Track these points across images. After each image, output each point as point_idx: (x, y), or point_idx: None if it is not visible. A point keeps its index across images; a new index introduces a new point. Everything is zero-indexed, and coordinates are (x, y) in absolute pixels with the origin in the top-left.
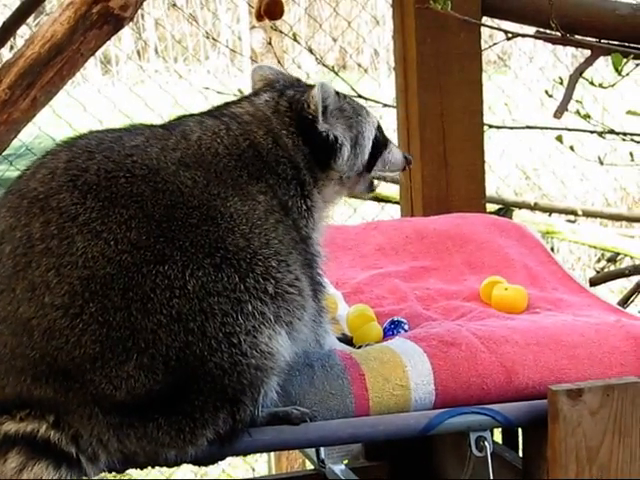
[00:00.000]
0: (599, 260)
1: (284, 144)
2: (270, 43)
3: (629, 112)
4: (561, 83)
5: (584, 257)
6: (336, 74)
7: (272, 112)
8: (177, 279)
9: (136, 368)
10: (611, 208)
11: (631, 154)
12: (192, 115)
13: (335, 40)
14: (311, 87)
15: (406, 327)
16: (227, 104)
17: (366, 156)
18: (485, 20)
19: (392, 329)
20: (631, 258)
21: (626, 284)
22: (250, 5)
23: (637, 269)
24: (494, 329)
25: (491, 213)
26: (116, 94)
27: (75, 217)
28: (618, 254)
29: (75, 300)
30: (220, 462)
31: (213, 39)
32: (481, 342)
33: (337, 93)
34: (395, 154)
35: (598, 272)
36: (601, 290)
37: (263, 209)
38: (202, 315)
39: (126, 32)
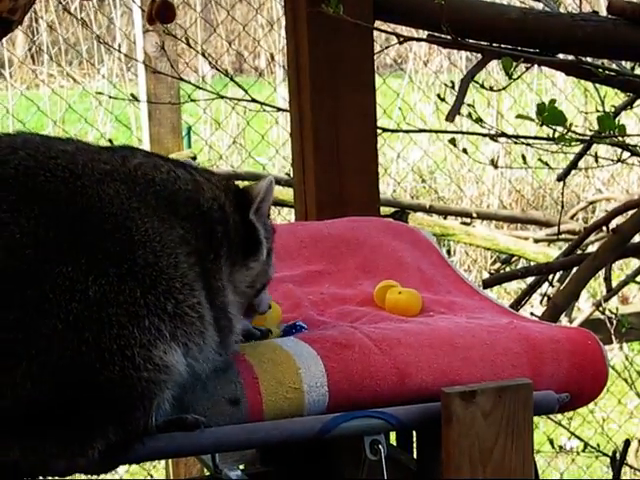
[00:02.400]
0: (494, 262)
1: (229, 217)
2: (163, 47)
3: (518, 116)
4: (453, 87)
5: (480, 259)
6: (230, 79)
7: (223, 189)
8: (79, 282)
9: (24, 376)
10: (505, 210)
11: (523, 157)
12: (150, 153)
13: (230, 44)
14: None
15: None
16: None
17: (267, 277)
18: (381, 25)
19: (293, 334)
20: (526, 259)
21: (523, 286)
22: (142, 9)
23: (529, 271)
24: (388, 332)
25: (387, 216)
26: (10, 98)
27: None
28: (513, 256)
29: None
30: (117, 470)
31: (104, 43)
32: (375, 344)
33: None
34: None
35: (492, 274)
36: (497, 292)
37: (179, 236)
38: (99, 325)
39: (20, 36)
